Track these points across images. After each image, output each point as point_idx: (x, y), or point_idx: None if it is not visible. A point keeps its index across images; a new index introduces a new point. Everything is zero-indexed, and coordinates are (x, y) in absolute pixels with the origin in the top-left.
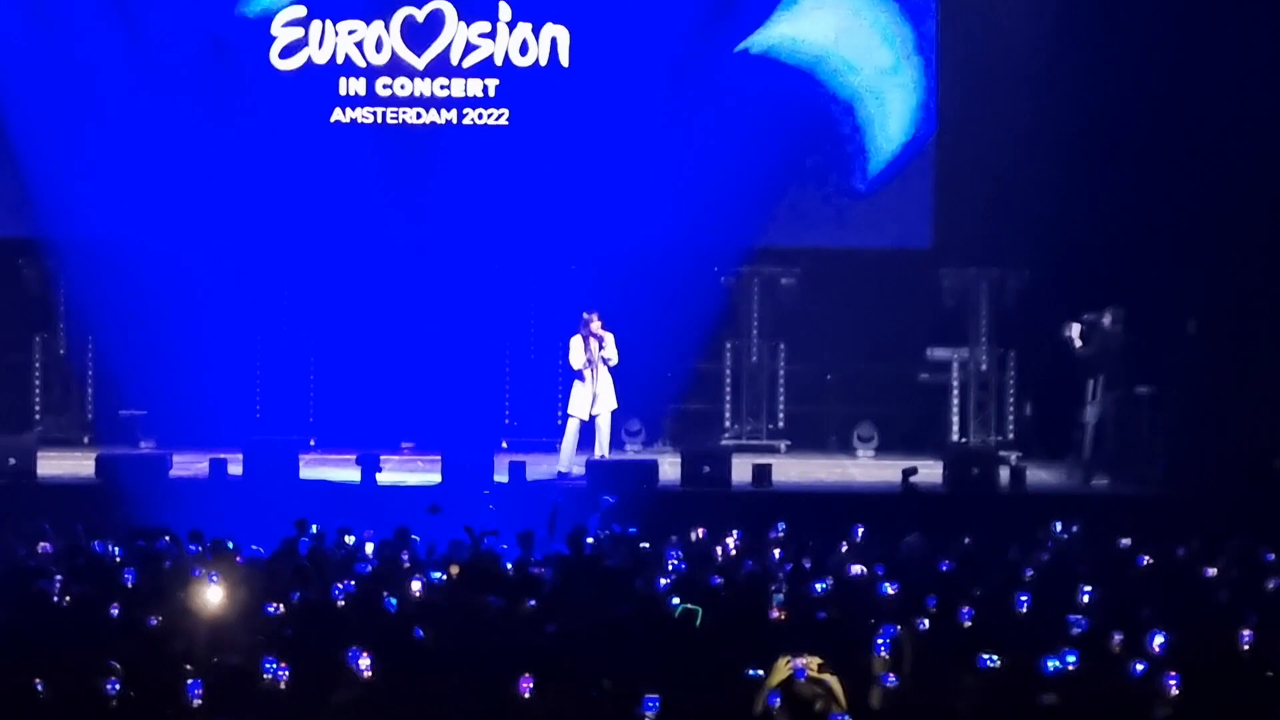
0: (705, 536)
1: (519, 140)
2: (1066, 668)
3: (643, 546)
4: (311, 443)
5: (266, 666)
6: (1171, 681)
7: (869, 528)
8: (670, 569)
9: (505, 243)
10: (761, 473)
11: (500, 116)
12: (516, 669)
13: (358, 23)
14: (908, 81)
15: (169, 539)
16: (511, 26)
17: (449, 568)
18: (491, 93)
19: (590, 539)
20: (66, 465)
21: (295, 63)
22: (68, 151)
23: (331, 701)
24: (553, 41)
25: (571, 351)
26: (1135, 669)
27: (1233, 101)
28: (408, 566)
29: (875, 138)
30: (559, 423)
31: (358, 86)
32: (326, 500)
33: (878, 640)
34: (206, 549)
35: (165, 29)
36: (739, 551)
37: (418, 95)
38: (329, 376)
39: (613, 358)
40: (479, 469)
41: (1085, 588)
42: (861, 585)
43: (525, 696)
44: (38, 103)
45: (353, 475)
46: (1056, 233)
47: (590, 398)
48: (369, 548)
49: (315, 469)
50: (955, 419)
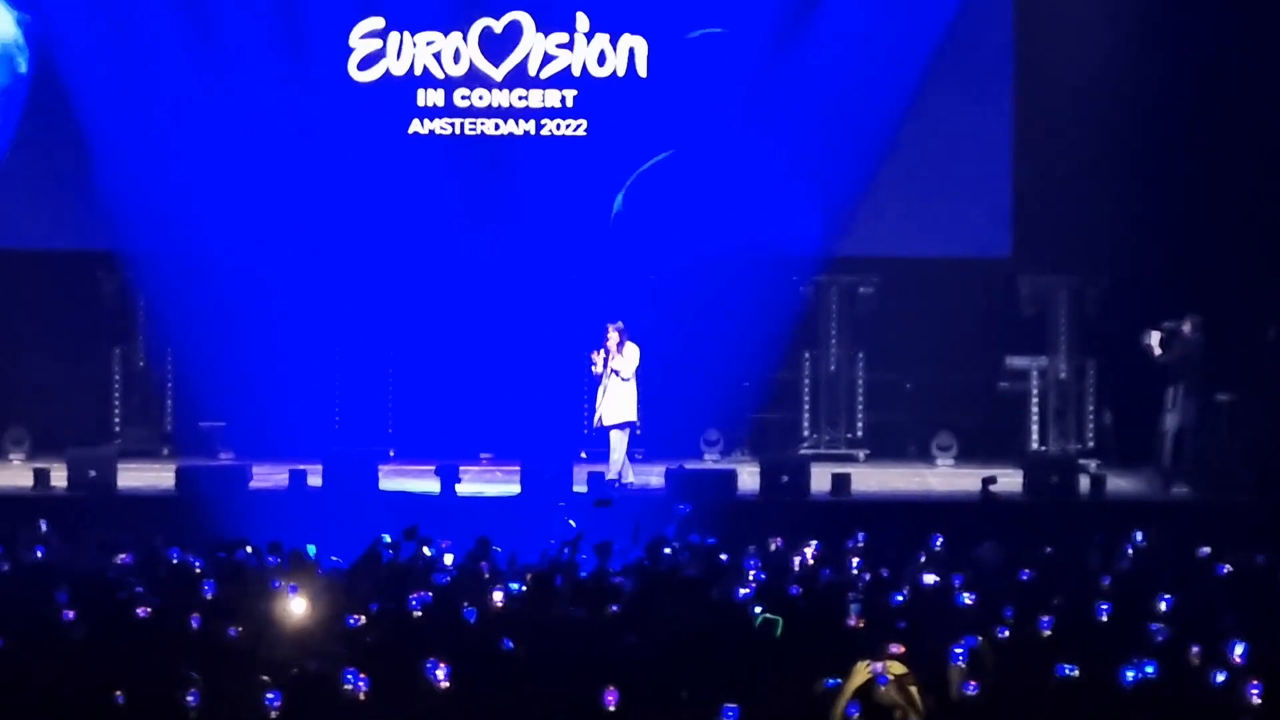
0: (782, 546)
1: (596, 150)
2: (1146, 677)
3: (720, 557)
4: (391, 453)
5: (347, 677)
6: (1253, 690)
7: (948, 537)
8: (750, 579)
9: (583, 252)
10: (840, 482)
11: (578, 127)
12: (597, 680)
13: (436, 34)
14: (980, 89)
15: (249, 550)
16: (589, 37)
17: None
18: (569, 103)
19: (668, 549)
20: (146, 477)
21: (373, 74)
22: (147, 164)
23: (410, 712)
24: (630, 52)
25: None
26: (1216, 678)
27: None
28: (488, 577)
29: (952, 146)
30: (637, 433)
31: (436, 98)
32: (406, 511)
33: (956, 649)
34: (285, 560)
35: (244, 40)
36: (816, 561)
37: (495, 106)
38: (408, 387)
39: (623, 370)
40: (557, 479)
41: (1165, 596)
42: (939, 595)
43: (610, 709)
44: (117, 116)
45: (432, 486)
46: (1135, 240)
47: (620, 405)
48: (448, 558)
49: (394, 480)
50: (1034, 427)
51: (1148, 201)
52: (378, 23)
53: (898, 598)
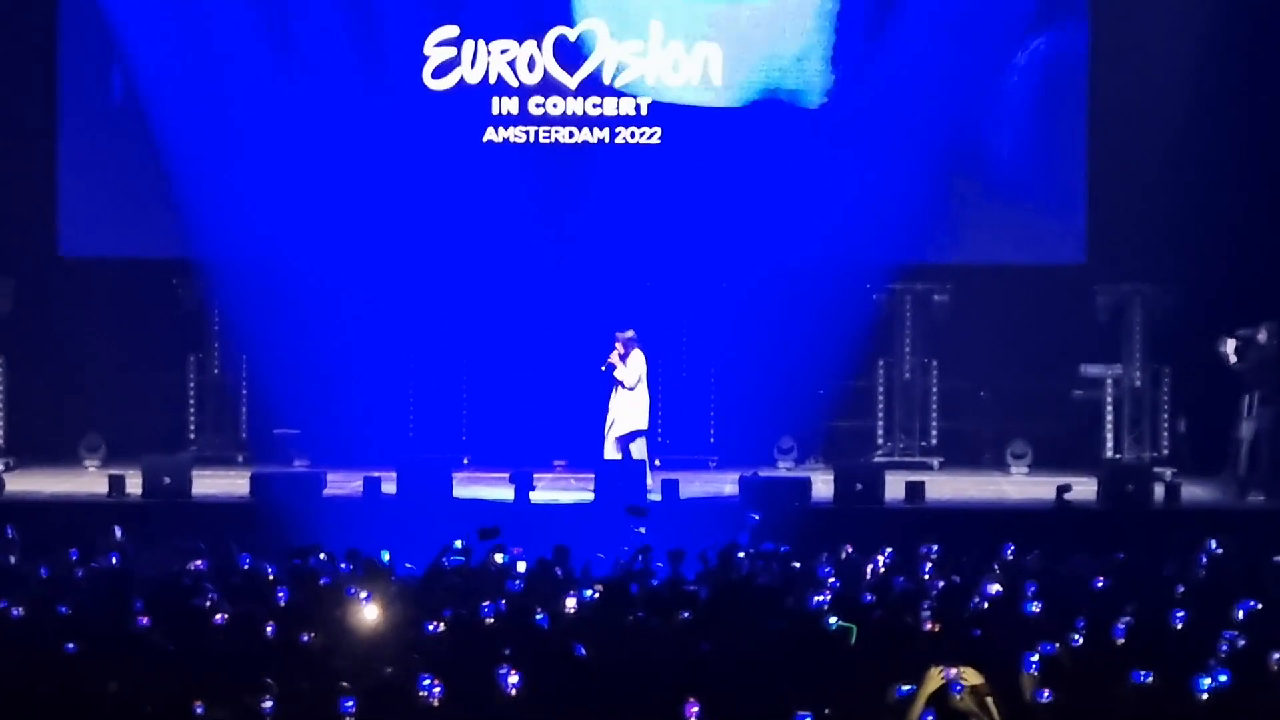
0: (853, 553)
1: (671, 158)
2: (1220, 686)
3: (793, 565)
4: (465, 461)
5: (421, 684)
6: None
7: (1022, 545)
8: (826, 586)
9: (657, 261)
10: (914, 490)
11: (652, 135)
12: (670, 687)
13: (510, 42)
14: (1055, 97)
15: (323, 557)
16: (663, 45)
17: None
18: (644, 111)
19: (741, 555)
20: (221, 484)
21: (448, 83)
22: (222, 173)
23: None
24: (704, 60)
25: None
26: None
27: None
28: (562, 583)
29: (1028, 154)
30: (710, 440)
31: (510, 106)
32: (480, 518)
33: (1031, 658)
34: (359, 566)
35: (319, 49)
36: (889, 568)
37: (570, 114)
38: (482, 394)
39: (626, 380)
40: (631, 487)
41: (1241, 604)
42: (1014, 602)
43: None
44: (192, 125)
45: (506, 493)
46: (1211, 247)
47: (629, 415)
48: (521, 566)
49: (469, 487)
50: (1109, 435)
51: (1223, 208)
52: (452, 31)
53: (970, 605)
